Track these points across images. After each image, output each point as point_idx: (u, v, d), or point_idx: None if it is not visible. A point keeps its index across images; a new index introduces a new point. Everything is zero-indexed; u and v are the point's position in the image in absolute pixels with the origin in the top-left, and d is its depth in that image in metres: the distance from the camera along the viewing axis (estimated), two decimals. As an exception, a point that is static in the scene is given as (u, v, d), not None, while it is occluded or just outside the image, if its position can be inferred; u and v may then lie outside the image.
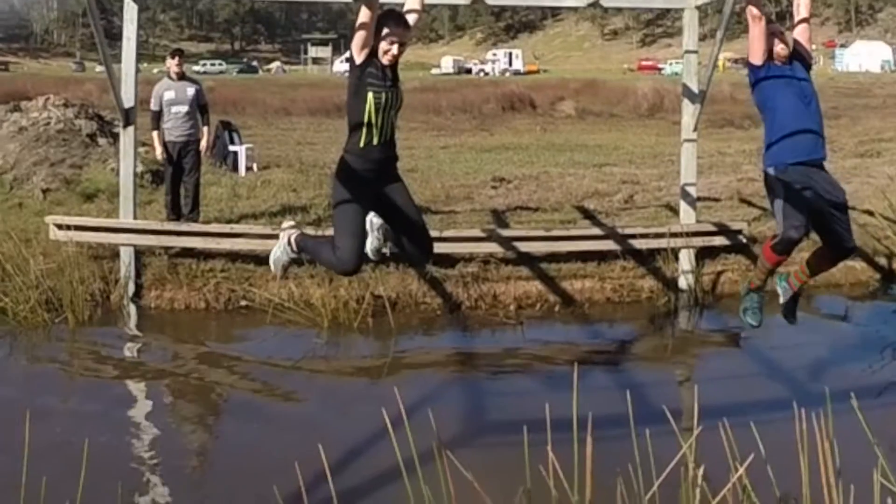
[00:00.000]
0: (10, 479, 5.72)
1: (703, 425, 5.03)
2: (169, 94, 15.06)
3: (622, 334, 12.92)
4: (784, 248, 8.47)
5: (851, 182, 19.30)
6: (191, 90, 15.14)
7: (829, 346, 11.98)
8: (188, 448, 8.69)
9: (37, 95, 23.22)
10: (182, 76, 15.40)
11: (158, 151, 15.26)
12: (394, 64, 7.07)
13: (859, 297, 14.27)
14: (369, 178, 7.14)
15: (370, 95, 6.90)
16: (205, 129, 15.38)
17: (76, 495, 5.31)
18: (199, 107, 15.23)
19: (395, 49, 6.94)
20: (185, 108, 15.00)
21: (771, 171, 8.56)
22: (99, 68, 74.81)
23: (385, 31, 6.90)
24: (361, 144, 7.04)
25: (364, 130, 7.00)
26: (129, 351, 12.20)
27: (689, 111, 14.27)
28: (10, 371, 11.13)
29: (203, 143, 15.32)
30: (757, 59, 8.49)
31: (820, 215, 8.49)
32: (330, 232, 7.59)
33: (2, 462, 7.50)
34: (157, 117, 15.04)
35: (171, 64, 15.43)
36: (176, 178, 15.18)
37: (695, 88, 14.09)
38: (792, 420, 4.96)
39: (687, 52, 14.26)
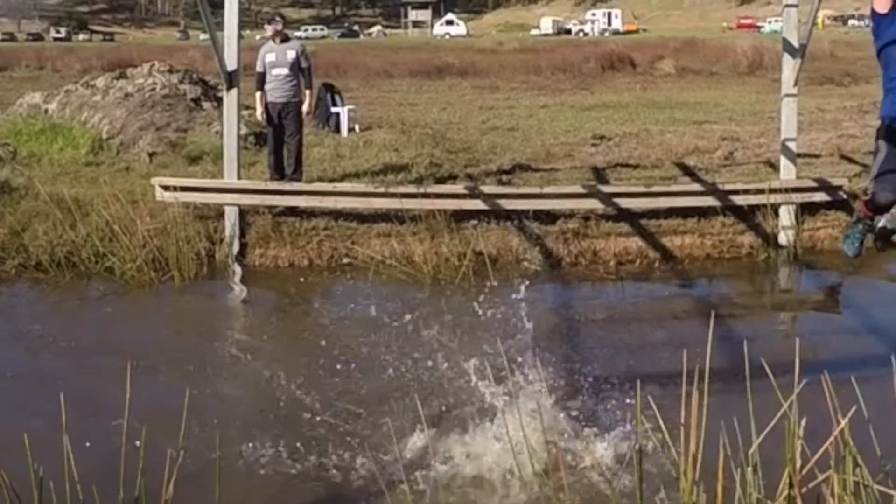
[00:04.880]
0: (111, 431, 5.89)
1: (803, 380, 5.08)
2: (270, 57, 15.28)
3: (722, 290, 12.95)
4: (874, 209, 8.00)
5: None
6: (291, 53, 15.30)
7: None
8: (293, 401, 8.85)
9: (142, 63, 23.59)
10: (285, 39, 15.59)
11: (259, 111, 15.51)
12: None
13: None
14: None
15: None
16: (306, 91, 15.52)
17: (177, 447, 5.48)
18: (301, 70, 15.38)
19: None
20: (285, 71, 15.19)
21: (880, 122, 8.21)
22: (203, 36, 75.43)
23: None
24: None
25: None
26: (234, 307, 12.50)
27: (789, 66, 14.20)
28: (116, 327, 11.47)
29: (305, 106, 15.47)
30: (882, 7, 8.00)
31: None
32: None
33: (105, 412, 7.81)
34: (261, 79, 15.28)
35: (269, 29, 15.71)
36: (278, 138, 15.37)
37: (795, 43, 14.02)
38: (892, 377, 4.95)
39: (787, 5, 14.13)
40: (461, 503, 6.85)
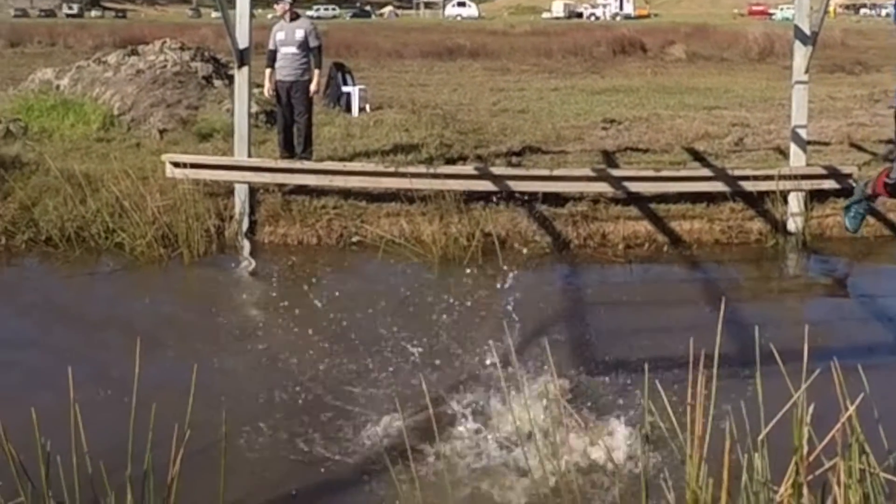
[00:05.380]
0: (120, 406, 5.92)
1: (811, 367, 5.08)
2: (280, 35, 15.31)
3: (730, 275, 12.95)
4: (891, 192, 7.97)
5: None
6: (300, 32, 15.28)
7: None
8: (301, 379, 8.88)
9: (154, 40, 23.60)
10: (294, 18, 15.57)
11: (266, 87, 15.56)
12: None
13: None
14: None
15: None
16: (315, 71, 15.48)
17: (185, 423, 5.50)
18: (310, 49, 15.36)
19: None
20: (293, 49, 15.18)
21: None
22: (215, 14, 75.45)
23: None
24: None
25: None
26: (243, 284, 12.54)
27: (800, 53, 14.17)
28: (126, 302, 11.51)
29: (313, 85, 15.42)
30: None
31: None
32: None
33: (113, 387, 7.84)
34: (272, 57, 15.31)
35: (278, 8, 15.73)
36: (287, 117, 15.38)
37: (806, 30, 13.99)
38: None
39: (799, -7, 14.14)
40: (468, 482, 6.86)
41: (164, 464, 5.44)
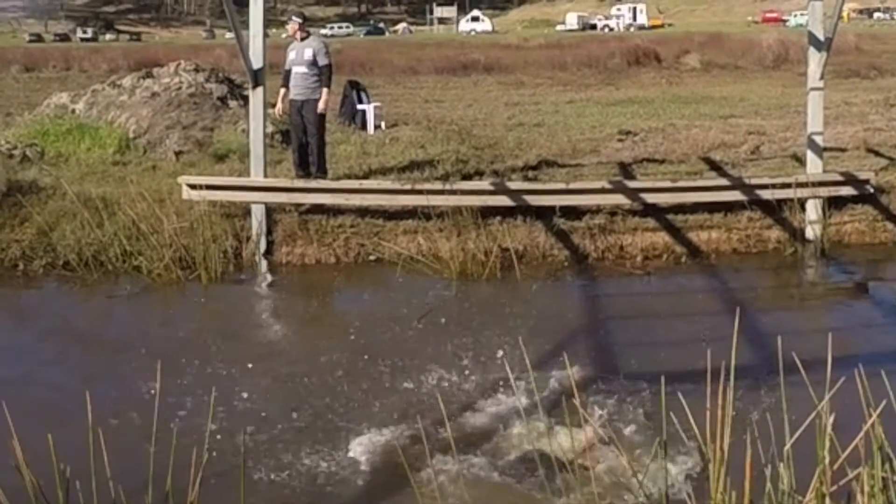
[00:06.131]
0: (140, 429, 5.93)
1: (834, 375, 5.04)
2: (291, 55, 15.32)
3: (749, 285, 12.90)
4: None
5: None
6: (308, 51, 15.25)
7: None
8: (321, 401, 8.88)
9: (168, 62, 23.66)
10: (305, 37, 15.57)
11: (278, 108, 15.58)
12: None
13: None
14: None
15: None
16: (324, 90, 15.39)
17: (204, 447, 5.49)
18: (320, 68, 15.32)
19: None
20: (303, 69, 15.17)
21: None
22: (228, 35, 75.63)
23: None
24: None
25: None
26: (261, 305, 12.54)
27: (815, 59, 14.15)
28: (144, 325, 11.53)
29: (321, 104, 15.28)
30: None
31: None
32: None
33: (132, 411, 7.85)
34: (286, 76, 15.34)
35: (289, 28, 15.78)
36: (301, 136, 15.39)
37: (821, 36, 13.97)
38: None
39: (812, -1, 14.12)
40: (486, 494, 6.85)
41: (184, 487, 5.43)
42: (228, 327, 11.36)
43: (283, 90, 15.35)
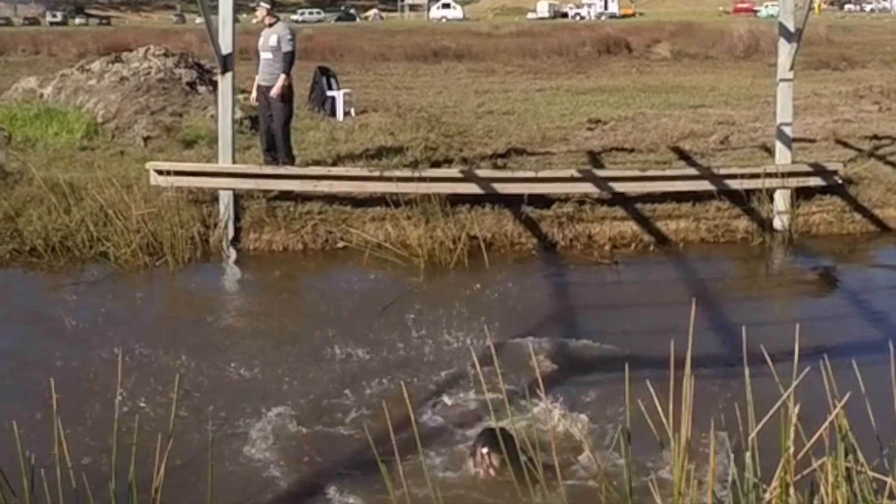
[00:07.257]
0: (104, 417, 5.89)
1: (800, 365, 5.04)
2: (260, 41, 15.37)
3: (717, 274, 12.95)
4: None
5: None
6: (273, 37, 15.20)
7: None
8: (287, 385, 8.88)
9: (138, 47, 23.55)
10: (274, 23, 15.52)
11: (252, 95, 15.58)
12: None
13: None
14: None
15: None
16: (282, 75, 15.23)
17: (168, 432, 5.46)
18: (283, 54, 15.23)
19: None
20: (268, 55, 15.16)
21: None
22: (199, 19, 75.37)
23: None
24: None
25: None
26: (228, 291, 12.51)
27: (785, 50, 14.19)
28: (111, 311, 11.47)
29: (275, 89, 15.17)
30: None
31: None
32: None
33: (97, 397, 7.81)
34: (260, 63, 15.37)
35: (258, 14, 15.70)
36: (267, 121, 15.34)
37: (791, 27, 14.01)
38: (888, 362, 4.92)
39: (783, -11, 14.15)
40: (456, 488, 6.84)
41: (149, 475, 5.39)
42: (195, 314, 11.32)
43: (258, 77, 15.35)
